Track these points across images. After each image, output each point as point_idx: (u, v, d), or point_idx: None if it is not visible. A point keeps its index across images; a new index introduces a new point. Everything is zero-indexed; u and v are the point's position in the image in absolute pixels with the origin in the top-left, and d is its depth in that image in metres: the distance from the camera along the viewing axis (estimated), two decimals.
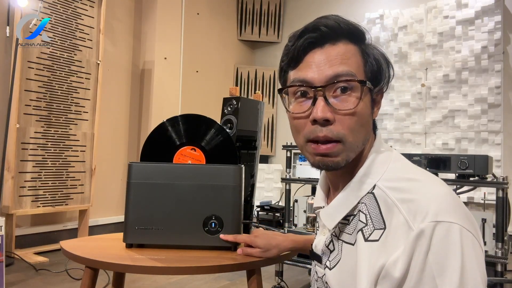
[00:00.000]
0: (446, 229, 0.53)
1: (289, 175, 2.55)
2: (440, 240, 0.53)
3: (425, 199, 0.57)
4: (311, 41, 0.64)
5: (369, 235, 0.60)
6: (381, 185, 0.63)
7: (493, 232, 1.90)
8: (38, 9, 2.75)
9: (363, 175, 0.65)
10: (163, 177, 0.95)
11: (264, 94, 4.95)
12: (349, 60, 0.64)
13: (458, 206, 0.57)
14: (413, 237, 0.54)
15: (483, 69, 3.50)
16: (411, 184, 0.60)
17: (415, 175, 0.62)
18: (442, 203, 0.56)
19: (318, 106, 0.62)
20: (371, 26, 4.08)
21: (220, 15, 4.71)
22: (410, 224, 0.55)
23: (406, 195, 0.58)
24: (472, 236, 0.55)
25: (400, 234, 0.56)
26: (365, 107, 0.65)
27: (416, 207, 0.56)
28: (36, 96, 2.79)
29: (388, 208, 0.59)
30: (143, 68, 3.89)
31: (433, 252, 0.53)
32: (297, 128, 0.66)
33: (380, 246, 0.58)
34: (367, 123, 0.66)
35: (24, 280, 2.28)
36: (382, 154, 0.67)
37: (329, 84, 0.62)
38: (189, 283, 2.34)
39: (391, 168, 0.65)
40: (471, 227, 0.56)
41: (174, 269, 0.84)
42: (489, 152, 3.42)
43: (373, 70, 0.66)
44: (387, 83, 0.70)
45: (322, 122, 0.62)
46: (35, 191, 2.80)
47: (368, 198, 0.63)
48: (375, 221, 0.60)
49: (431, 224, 0.54)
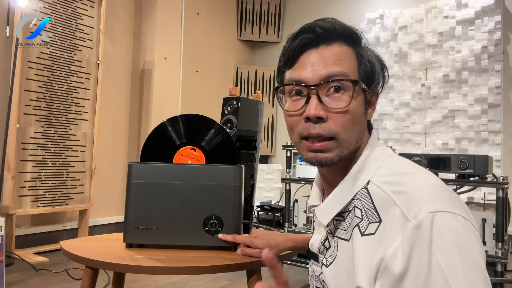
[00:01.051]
0: (444, 219, 0.54)
1: (289, 175, 2.55)
2: (440, 231, 0.54)
3: (419, 190, 0.58)
4: (306, 42, 0.67)
5: (365, 230, 0.61)
6: (375, 180, 0.64)
7: (493, 232, 1.90)
8: (38, 9, 2.75)
9: (357, 172, 0.67)
10: (163, 177, 0.95)
11: (264, 94, 4.95)
12: (343, 61, 0.65)
13: (450, 195, 0.59)
14: (411, 228, 0.54)
15: (483, 69, 3.50)
16: (404, 177, 0.62)
17: (407, 169, 0.64)
18: (435, 193, 0.57)
19: (311, 104, 0.64)
20: (371, 26, 4.08)
21: (220, 15, 4.71)
22: (406, 215, 0.56)
23: (400, 187, 0.60)
24: (469, 223, 0.56)
25: (397, 225, 0.56)
26: (358, 106, 0.66)
27: (410, 198, 0.57)
28: (36, 96, 2.79)
29: (382, 201, 0.60)
30: (143, 68, 3.89)
31: (436, 244, 0.53)
32: (291, 125, 0.68)
33: (377, 239, 0.58)
34: (360, 122, 0.67)
35: (24, 280, 2.28)
36: (375, 152, 0.68)
37: (323, 83, 0.64)
38: (189, 283, 2.34)
39: (384, 164, 0.66)
40: (466, 214, 0.57)
41: (174, 269, 0.84)
42: (489, 152, 3.42)
43: (366, 71, 0.68)
44: (382, 85, 0.71)
45: (314, 119, 0.64)
46: (35, 191, 2.80)
47: (362, 193, 0.64)
48: (370, 215, 0.61)
49: (429, 215, 0.54)
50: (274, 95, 4.93)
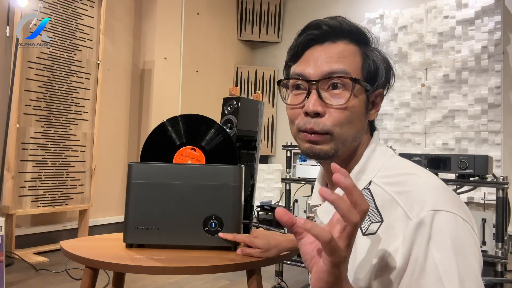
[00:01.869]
0: (445, 218, 0.55)
1: (289, 175, 2.55)
2: (439, 230, 0.54)
3: (421, 190, 0.58)
4: (312, 38, 0.68)
5: (366, 229, 0.61)
6: (377, 181, 0.64)
7: (493, 232, 1.90)
8: (38, 9, 2.75)
9: (359, 172, 0.67)
10: (163, 177, 0.95)
11: (264, 94, 4.95)
12: (346, 59, 0.66)
13: (452, 196, 0.59)
14: (413, 226, 0.55)
15: (483, 69, 3.50)
16: (406, 177, 0.62)
17: (409, 170, 0.64)
18: (437, 193, 0.58)
19: (310, 100, 0.65)
20: (371, 26, 4.08)
21: (220, 15, 4.71)
22: (408, 215, 0.57)
23: (402, 187, 0.60)
24: (468, 224, 0.57)
25: (399, 225, 0.57)
26: (357, 105, 0.66)
27: (413, 198, 0.58)
28: (36, 96, 2.79)
29: (385, 201, 0.61)
30: (143, 68, 3.89)
31: (434, 241, 0.54)
32: (291, 118, 0.70)
33: (378, 239, 0.59)
34: (358, 120, 0.67)
35: (24, 280, 2.28)
36: (377, 152, 0.69)
37: (323, 79, 0.65)
38: (189, 283, 2.34)
39: (386, 165, 0.66)
40: (466, 216, 0.58)
41: (174, 269, 0.84)
42: (489, 152, 3.42)
43: (370, 71, 0.68)
44: (387, 86, 0.71)
45: (312, 115, 0.65)
46: (35, 191, 2.80)
47: (364, 193, 0.64)
48: (371, 215, 0.62)
49: (430, 213, 0.55)
50: (275, 95, 4.94)
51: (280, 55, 4.94)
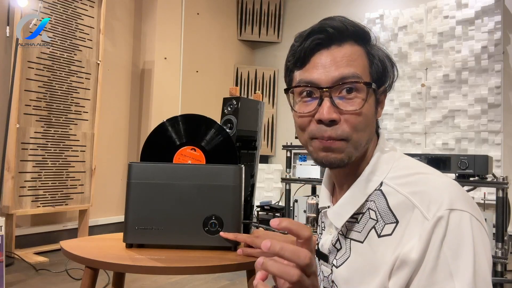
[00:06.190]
0: (459, 217, 0.56)
1: (289, 175, 2.55)
2: (454, 228, 0.55)
3: (436, 190, 0.59)
4: (318, 43, 0.65)
5: (381, 231, 0.62)
6: (388, 181, 0.64)
7: (493, 232, 1.90)
8: (38, 9, 2.75)
9: (370, 173, 0.67)
10: (163, 177, 0.95)
11: (264, 94, 4.95)
12: (355, 61, 0.65)
13: (466, 195, 0.60)
14: (429, 225, 0.56)
15: (483, 69, 3.50)
16: (419, 177, 0.62)
17: (420, 169, 0.64)
18: (452, 192, 0.58)
19: (324, 107, 0.63)
20: (371, 26, 4.07)
21: (220, 15, 4.71)
22: (424, 215, 0.57)
23: (416, 187, 0.60)
24: (481, 225, 0.58)
25: (415, 225, 0.58)
26: (370, 108, 0.66)
27: (429, 197, 0.58)
28: (36, 96, 2.79)
29: (399, 202, 0.61)
30: (143, 68, 3.89)
31: (448, 240, 0.55)
32: (301, 126, 0.67)
33: (394, 240, 0.59)
34: (371, 123, 0.67)
35: (24, 280, 2.28)
36: (386, 153, 0.69)
37: (335, 86, 0.64)
38: (189, 283, 2.34)
39: (396, 166, 0.66)
40: (479, 215, 0.58)
41: (174, 269, 0.84)
42: (489, 152, 3.42)
43: (378, 71, 0.67)
44: (391, 84, 0.71)
45: (327, 122, 0.63)
46: (35, 191, 2.80)
47: (375, 195, 0.65)
48: (384, 216, 0.62)
49: (446, 211, 0.56)
50: (275, 95, 4.94)
51: (280, 55, 4.94)
